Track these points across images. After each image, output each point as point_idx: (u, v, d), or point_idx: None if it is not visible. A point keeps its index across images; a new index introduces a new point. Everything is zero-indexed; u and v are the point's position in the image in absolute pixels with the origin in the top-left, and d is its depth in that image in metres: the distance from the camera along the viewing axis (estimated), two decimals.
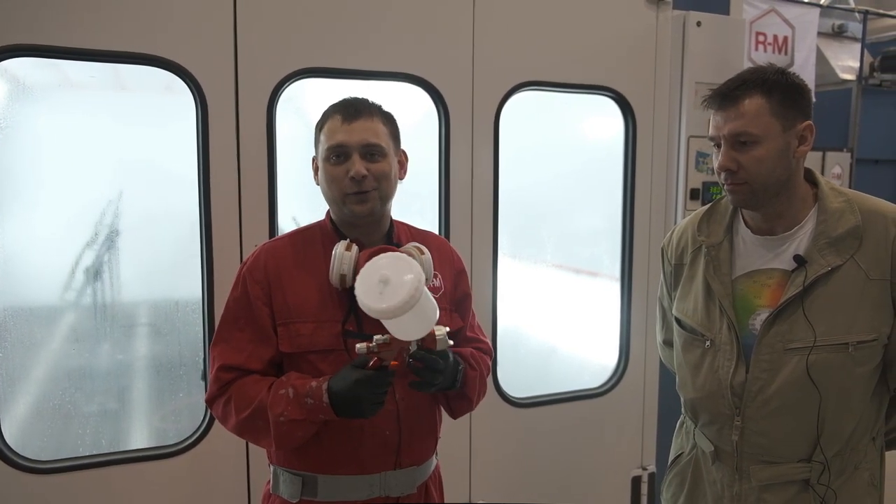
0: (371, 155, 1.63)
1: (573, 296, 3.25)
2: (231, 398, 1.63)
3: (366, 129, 1.63)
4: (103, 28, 2.11)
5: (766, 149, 1.60)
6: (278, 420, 1.56)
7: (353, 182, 1.61)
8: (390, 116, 1.73)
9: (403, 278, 1.43)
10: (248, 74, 2.28)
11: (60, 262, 2.34)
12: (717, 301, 1.74)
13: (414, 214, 2.70)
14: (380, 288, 1.44)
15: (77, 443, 2.32)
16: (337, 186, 1.64)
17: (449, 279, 1.81)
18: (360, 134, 1.63)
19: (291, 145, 2.39)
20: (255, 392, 1.61)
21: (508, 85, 2.67)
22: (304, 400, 1.56)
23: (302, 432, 1.58)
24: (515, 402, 2.83)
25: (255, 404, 1.60)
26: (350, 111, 1.64)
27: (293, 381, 1.60)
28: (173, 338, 2.46)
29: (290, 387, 1.58)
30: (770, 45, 6.89)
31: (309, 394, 1.56)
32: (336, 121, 1.65)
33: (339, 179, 1.63)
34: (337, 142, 1.62)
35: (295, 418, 1.56)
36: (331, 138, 1.64)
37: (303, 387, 1.57)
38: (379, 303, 1.43)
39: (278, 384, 1.61)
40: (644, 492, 3.11)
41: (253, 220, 2.32)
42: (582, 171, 3.14)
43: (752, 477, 1.73)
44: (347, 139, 1.62)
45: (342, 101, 1.70)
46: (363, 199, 1.63)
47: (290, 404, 1.56)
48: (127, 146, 2.35)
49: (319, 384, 1.56)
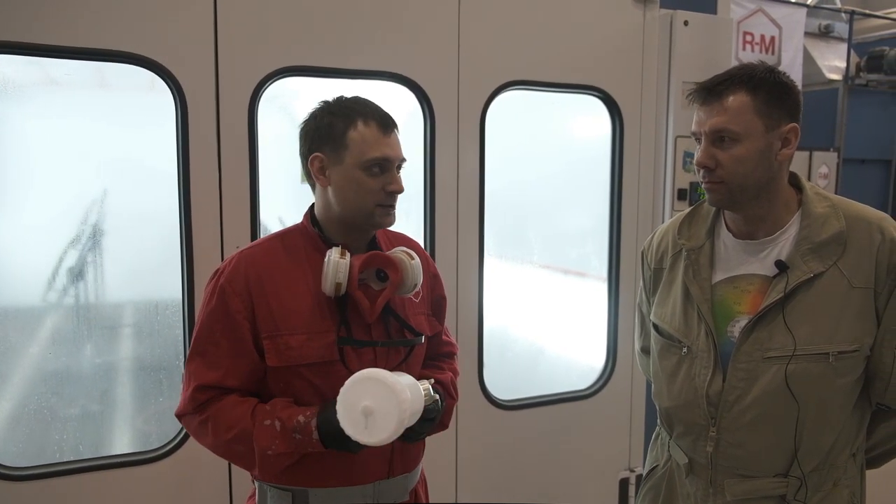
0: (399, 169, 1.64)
1: (561, 297, 3.24)
2: (208, 419, 1.57)
3: (399, 143, 1.63)
4: (82, 25, 2.07)
5: (745, 148, 1.55)
6: (266, 453, 1.53)
7: (389, 196, 1.60)
8: None
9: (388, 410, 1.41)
10: (229, 73, 2.24)
11: (43, 263, 2.30)
12: (696, 306, 1.68)
13: (400, 215, 2.67)
14: (363, 421, 1.41)
15: (55, 448, 2.28)
16: (371, 197, 1.59)
17: (426, 284, 1.78)
18: (398, 148, 1.62)
19: (276, 144, 2.35)
20: (236, 417, 1.55)
21: (495, 84, 2.65)
22: (292, 435, 1.52)
23: (289, 461, 1.55)
24: (502, 404, 2.81)
25: (236, 430, 1.54)
26: (387, 121, 1.61)
27: (279, 412, 1.54)
28: (156, 338, 2.42)
29: (276, 419, 1.53)
30: (757, 45, 6.92)
31: (297, 429, 1.52)
32: (373, 130, 1.59)
33: (375, 191, 1.59)
34: (382, 155, 1.58)
35: (283, 451, 1.53)
36: (373, 149, 1.58)
37: (290, 420, 1.53)
38: (368, 437, 1.42)
39: (262, 413, 1.55)
40: (632, 493, 3.09)
41: (234, 221, 2.28)
42: (569, 171, 3.12)
43: (727, 491, 1.66)
44: (392, 154, 1.60)
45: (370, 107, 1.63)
46: (391, 211, 1.63)
47: (276, 438, 1.52)
48: (111, 145, 2.31)
49: (308, 420, 1.53)
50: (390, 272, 1.61)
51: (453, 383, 1.82)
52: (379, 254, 1.62)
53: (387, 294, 1.61)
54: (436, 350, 1.85)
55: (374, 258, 1.61)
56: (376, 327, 1.64)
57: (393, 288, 1.61)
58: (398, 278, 1.61)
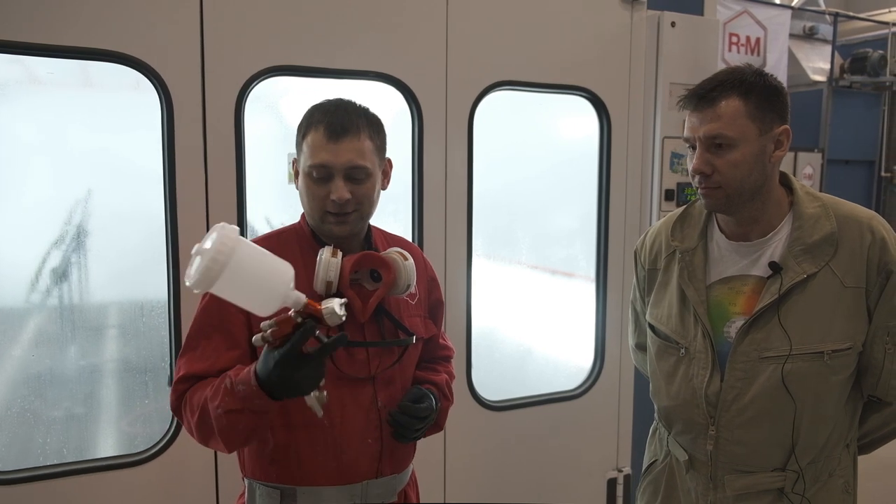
0: (356, 177, 1.57)
1: (549, 297, 3.24)
2: (186, 403, 1.55)
3: (352, 149, 1.55)
4: (66, 23, 2.04)
5: (742, 152, 1.57)
6: (217, 413, 1.44)
7: (335, 205, 1.55)
8: (377, 124, 1.64)
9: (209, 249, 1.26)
10: (215, 72, 2.22)
11: (26, 264, 2.27)
12: (692, 308, 1.71)
13: (388, 216, 2.67)
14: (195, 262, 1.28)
15: (38, 452, 2.25)
16: (317, 205, 1.57)
17: (423, 286, 1.77)
18: (346, 155, 1.54)
19: (263, 144, 2.34)
20: (203, 392, 1.51)
21: (483, 84, 2.65)
22: (236, 387, 1.42)
23: (244, 424, 1.45)
24: (490, 405, 2.81)
25: (202, 403, 1.50)
26: (336, 128, 1.54)
27: (232, 372, 1.48)
28: (142, 340, 2.40)
29: (228, 377, 1.47)
30: (743, 46, 6.97)
31: (241, 381, 1.43)
32: (320, 136, 1.55)
33: (320, 199, 1.56)
34: (321, 161, 1.54)
35: (231, 408, 1.43)
36: (314, 156, 1.55)
37: (236, 375, 1.45)
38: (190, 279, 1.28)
39: (221, 377, 1.49)
40: (619, 493, 3.10)
41: (221, 221, 2.25)
42: (557, 172, 3.12)
43: (727, 486, 1.70)
44: (333, 161, 1.54)
45: (328, 110, 1.58)
46: (343, 220, 1.57)
47: (226, 395, 1.44)
48: (95, 144, 2.29)
49: (249, 369, 1.43)
50: (383, 272, 1.60)
51: (448, 385, 1.81)
52: (371, 253, 1.60)
53: (379, 294, 1.60)
54: (432, 353, 1.85)
55: (367, 258, 1.59)
56: (370, 327, 1.63)
57: (386, 288, 1.60)
58: (391, 278, 1.60)
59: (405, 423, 1.62)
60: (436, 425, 1.74)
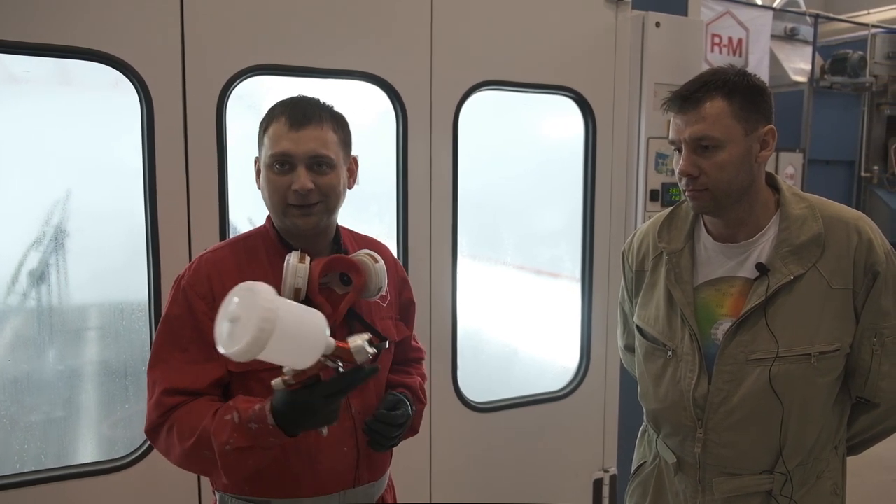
0: (319, 166, 1.51)
1: (534, 297, 3.23)
2: (173, 426, 1.48)
3: (314, 137, 1.50)
4: (43, 20, 2.00)
5: (728, 153, 1.56)
6: (224, 449, 1.40)
7: (297, 195, 1.50)
8: (342, 120, 1.60)
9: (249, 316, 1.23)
10: (196, 71, 2.19)
11: (3, 265, 2.22)
12: (679, 310, 1.70)
13: (372, 217, 2.65)
14: (230, 329, 1.26)
15: (15, 459, 2.21)
16: (280, 197, 1.52)
17: (393, 288, 1.74)
18: (308, 144, 1.50)
19: (246, 143, 2.30)
20: (199, 418, 1.45)
21: (467, 84, 2.63)
22: (248, 426, 1.40)
23: (253, 461, 1.42)
24: (476, 406, 2.80)
25: (199, 432, 1.44)
26: (298, 116, 1.50)
27: (239, 404, 1.45)
28: (122, 342, 2.36)
29: (235, 411, 1.43)
30: (725, 47, 7.02)
31: (252, 418, 1.39)
32: (282, 125, 1.51)
33: (282, 190, 1.51)
34: (282, 150, 1.49)
35: (241, 446, 1.39)
36: (275, 145, 1.50)
37: (247, 411, 1.41)
38: (229, 346, 1.25)
39: (224, 409, 1.44)
40: (605, 494, 3.10)
41: (202, 222, 2.23)
42: (542, 172, 3.12)
43: (715, 489, 1.70)
44: (294, 149, 1.49)
45: (290, 102, 1.55)
46: (307, 212, 1.52)
47: (235, 431, 1.40)
48: (74, 144, 2.24)
49: (262, 406, 1.41)
50: (353, 276, 1.56)
51: (422, 388, 1.79)
52: (340, 257, 1.56)
53: (350, 298, 1.56)
54: (404, 355, 1.82)
55: (335, 262, 1.55)
56: (340, 332, 1.57)
57: (357, 292, 1.56)
58: (361, 282, 1.55)
59: (382, 431, 1.58)
60: (411, 429, 1.71)
